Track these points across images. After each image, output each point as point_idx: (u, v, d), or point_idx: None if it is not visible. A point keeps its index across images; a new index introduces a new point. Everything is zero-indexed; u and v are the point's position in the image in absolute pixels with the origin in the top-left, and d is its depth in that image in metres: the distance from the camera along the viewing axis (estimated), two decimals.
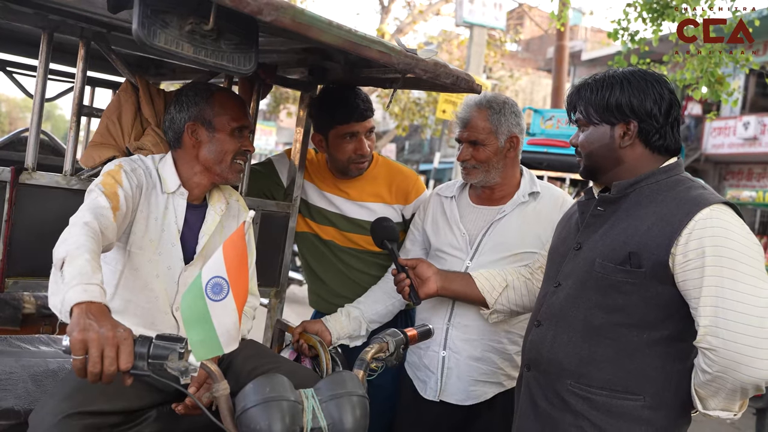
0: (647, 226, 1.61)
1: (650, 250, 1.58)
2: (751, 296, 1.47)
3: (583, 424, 1.66)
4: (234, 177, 2.02)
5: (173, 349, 1.34)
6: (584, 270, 1.70)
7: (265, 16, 1.52)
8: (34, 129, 1.99)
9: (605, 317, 1.65)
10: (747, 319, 1.46)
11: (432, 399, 2.32)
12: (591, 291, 1.68)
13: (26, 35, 2.40)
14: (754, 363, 1.45)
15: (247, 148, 2.03)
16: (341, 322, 2.38)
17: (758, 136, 16.11)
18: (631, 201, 1.69)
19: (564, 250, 1.83)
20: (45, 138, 2.89)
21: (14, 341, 2.30)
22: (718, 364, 1.48)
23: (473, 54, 11.52)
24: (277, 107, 20.86)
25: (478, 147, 2.27)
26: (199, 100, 1.97)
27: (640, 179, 1.69)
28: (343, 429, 1.51)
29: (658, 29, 5.11)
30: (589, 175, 1.81)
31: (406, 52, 1.88)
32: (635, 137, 1.69)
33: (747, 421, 5.79)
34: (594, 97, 1.72)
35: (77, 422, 1.62)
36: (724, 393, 1.52)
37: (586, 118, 1.75)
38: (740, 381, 1.48)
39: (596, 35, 24.46)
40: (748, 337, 1.45)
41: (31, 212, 1.97)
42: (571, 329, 1.71)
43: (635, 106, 1.67)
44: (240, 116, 2.00)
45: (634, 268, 1.60)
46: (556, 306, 1.77)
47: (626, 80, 1.69)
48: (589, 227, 1.76)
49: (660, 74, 1.74)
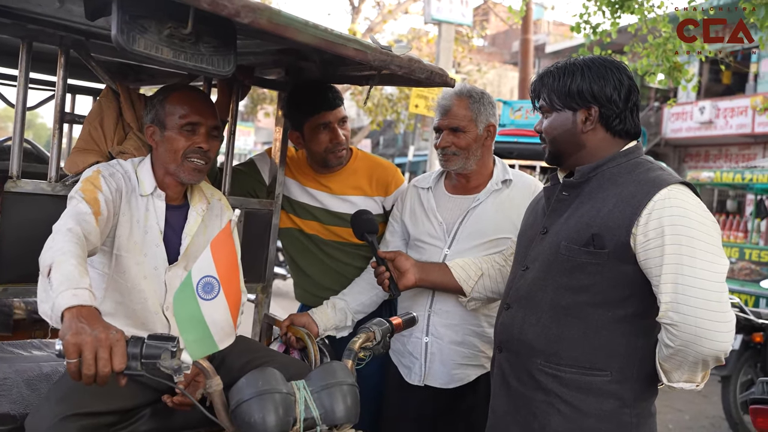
0: (609, 208, 1.66)
1: (612, 231, 1.63)
2: (709, 272, 1.53)
3: (553, 401, 1.72)
4: (188, 176, 1.96)
5: (165, 348, 1.35)
6: (550, 253, 1.76)
7: (243, 19, 1.55)
8: (17, 137, 2.00)
9: (572, 297, 1.71)
10: (705, 294, 1.52)
11: (417, 384, 2.38)
12: (557, 273, 1.73)
13: (4, 45, 2.40)
14: (713, 336, 1.51)
15: (200, 145, 1.94)
16: (327, 314, 2.42)
17: (713, 119, 16.80)
18: (593, 185, 1.74)
19: (531, 235, 1.89)
20: (28, 146, 2.89)
21: (7, 347, 2.31)
22: (679, 339, 1.54)
23: (442, 50, 11.63)
24: (255, 108, 20.83)
25: (459, 134, 2.33)
26: (157, 101, 1.97)
27: (601, 163, 1.74)
28: (335, 417, 1.55)
29: (615, 22, 5.24)
30: (554, 160, 1.85)
31: (381, 49, 1.92)
32: (596, 122, 1.74)
33: (713, 388, 5.95)
34: (556, 84, 1.76)
35: (73, 424, 1.64)
36: (687, 366, 1.58)
37: (549, 105, 1.80)
38: (701, 354, 1.53)
39: (559, 28, 24.83)
40: (707, 311, 1.51)
41: (18, 220, 1.98)
42: (540, 310, 1.76)
43: (596, 92, 1.72)
44: (191, 113, 1.94)
45: (597, 249, 1.65)
46: (524, 289, 1.83)
47: (587, 67, 1.74)
48: (555, 212, 1.81)
49: (619, 62, 1.79)
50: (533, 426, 1.75)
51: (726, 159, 17.69)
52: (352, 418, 1.58)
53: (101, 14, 1.72)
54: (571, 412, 1.70)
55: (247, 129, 28.61)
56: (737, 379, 5.18)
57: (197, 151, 1.96)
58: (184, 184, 2.02)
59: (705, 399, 6.29)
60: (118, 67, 2.76)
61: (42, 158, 3.01)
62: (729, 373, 5.15)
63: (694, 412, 5.92)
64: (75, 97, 2.94)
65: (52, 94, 2.78)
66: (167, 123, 1.95)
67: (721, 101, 17.00)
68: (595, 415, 1.68)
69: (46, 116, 32.08)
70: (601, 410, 1.68)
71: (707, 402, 6.18)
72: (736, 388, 5.17)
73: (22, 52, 1.98)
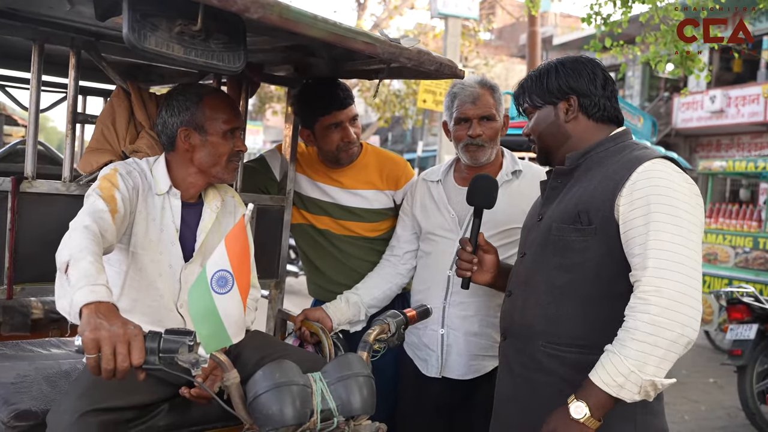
0: (594, 185, 1.71)
1: (596, 206, 1.67)
2: (694, 242, 1.56)
3: (555, 382, 1.73)
4: (230, 177, 2.06)
5: (183, 342, 1.37)
6: (543, 236, 1.80)
7: (252, 14, 1.56)
8: (32, 139, 2.03)
9: (566, 276, 1.73)
10: (691, 263, 1.53)
11: (434, 376, 2.39)
12: (550, 253, 1.77)
13: (16, 49, 2.43)
14: (693, 308, 1.50)
15: (240, 149, 2.05)
16: (341, 308, 2.43)
17: (724, 108, 16.71)
18: (582, 169, 1.79)
19: (530, 224, 1.94)
20: (41, 148, 2.92)
21: (26, 346, 2.35)
22: (659, 306, 1.50)
23: (449, 45, 11.63)
24: (263, 107, 20.87)
25: (489, 123, 2.34)
26: (190, 104, 1.98)
27: (590, 149, 1.80)
28: (352, 409, 1.56)
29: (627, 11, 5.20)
30: (544, 157, 1.92)
31: (390, 42, 1.92)
32: (577, 110, 1.82)
33: (729, 378, 5.93)
34: (534, 85, 1.87)
35: (94, 419, 1.66)
36: (660, 348, 1.50)
37: (531, 105, 1.89)
38: (678, 324, 1.49)
39: (566, 20, 24.69)
40: (693, 280, 1.52)
41: (33, 220, 2.01)
42: (537, 292, 1.79)
43: (572, 84, 1.81)
44: (231, 118, 2.02)
45: (584, 225, 1.69)
46: (522, 274, 1.87)
47: (560, 64, 1.85)
48: (548, 200, 1.87)
49: (591, 57, 1.90)
50: (534, 407, 1.76)
51: (738, 148, 17.55)
52: (369, 410, 1.59)
53: (111, 14, 1.74)
54: (572, 392, 1.68)
55: (255, 128, 28.68)
56: (753, 369, 5.15)
57: (237, 154, 2.06)
58: (211, 184, 2.07)
59: (721, 390, 6.26)
60: (128, 67, 2.78)
61: (55, 160, 3.04)
62: (745, 363, 5.12)
63: (710, 402, 5.89)
64: (86, 99, 2.97)
65: (63, 96, 2.82)
66: (208, 128, 1.98)
67: (732, 90, 16.85)
68: None
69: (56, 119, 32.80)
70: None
71: (723, 393, 6.16)
72: (753, 378, 5.14)
73: (34, 54, 2.00)
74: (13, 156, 2.94)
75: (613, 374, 1.52)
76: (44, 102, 2.36)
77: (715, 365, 6.96)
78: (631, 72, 19.70)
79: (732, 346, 5.30)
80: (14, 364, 2.12)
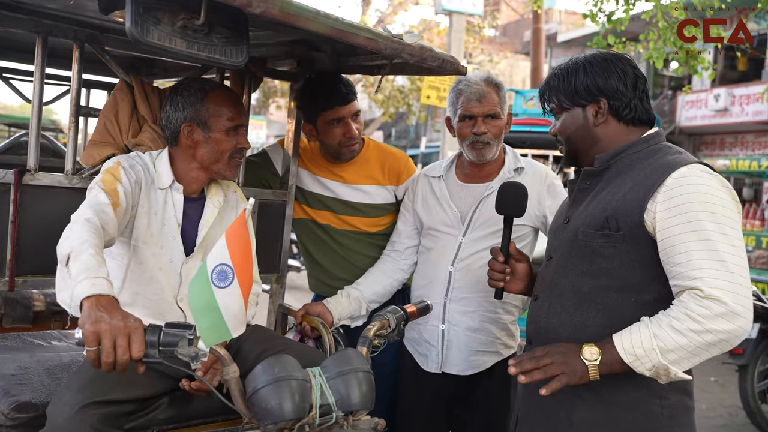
0: (624, 191, 1.65)
1: (626, 212, 1.62)
2: (740, 248, 1.51)
3: (578, 390, 1.67)
4: (232, 174, 2.05)
5: (183, 335, 1.37)
6: (570, 240, 1.75)
7: (254, 8, 1.56)
8: (34, 131, 2.03)
9: (592, 283, 1.69)
10: (742, 269, 1.49)
11: (434, 371, 2.39)
12: (577, 259, 1.72)
13: (20, 42, 2.43)
14: (748, 312, 1.47)
15: (243, 146, 2.04)
16: (342, 303, 2.43)
17: (728, 107, 16.56)
18: (612, 172, 1.73)
19: (556, 227, 1.89)
20: (45, 141, 2.93)
21: (27, 338, 2.36)
22: (713, 312, 1.46)
23: (453, 41, 11.59)
24: (267, 101, 20.86)
25: (494, 120, 2.34)
26: (194, 100, 1.97)
27: (620, 150, 1.74)
28: (351, 404, 1.56)
29: (629, 8, 5.19)
30: (572, 160, 1.85)
31: (392, 37, 1.92)
32: (607, 114, 1.74)
33: (730, 377, 5.91)
34: (562, 84, 1.78)
35: (94, 412, 1.67)
36: (704, 349, 1.49)
37: (558, 106, 1.81)
38: (728, 333, 1.46)
39: (570, 17, 24.54)
40: (746, 287, 1.48)
41: (35, 212, 2.02)
42: (563, 298, 1.75)
43: (601, 85, 1.73)
44: (235, 115, 2.01)
45: (612, 231, 1.64)
46: (548, 278, 1.82)
47: (588, 63, 1.76)
48: (576, 201, 1.81)
49: (621, 54, 1.81)
50: (559, 416, 1.73)
51: (742, 147, 17.48)
52: (368, 405, 1.59)
53: (115, 8, 1.74)
54: (595, 401, 1.67)
55: (259, 122, 28.61)
56: (755, 368, 5.14)
57: (240, 150, 2.04)
58: (214, 179, 2.06)
59: (722, 388, 6.25)
60: (131, 60, 2.78)
61: (59, 153, 3.04)
62: (746, 362, 5.11)
63: (711, 401, 5.89)
64: (90, 92, 2.98)
65: (67, 89, 2.82)
66: (212, 124, 1.98)
67: (736, 88, 16.76)
68: (621, 404, 1.65)
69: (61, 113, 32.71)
70: (628, 398, 1.65)
71: (724, 391, 6.15)
72: (754, 377, 5.13)
73: (37, 47, 2.00)
74: (16, 148, 2.95)
75: (636, 344, 1.52)
76: (48, 95, 2.37)
77: (716, 364, 6.92)
78: None
79: None
80: (15, 356, 2.13)
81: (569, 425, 1.71)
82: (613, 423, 1.66)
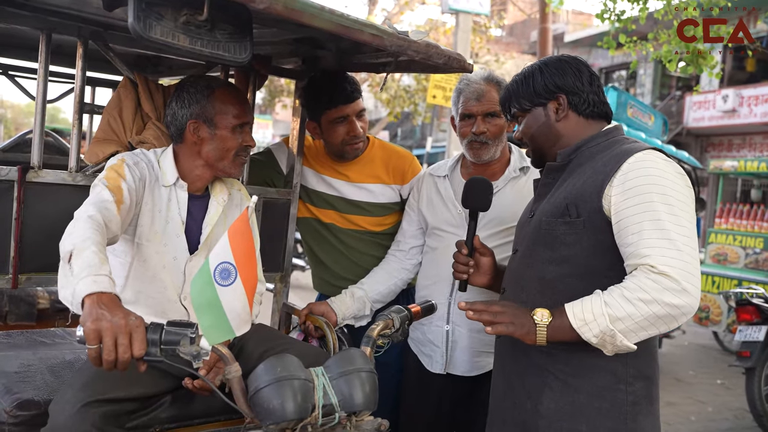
0: (584, 179, 1.70)
1: (585, 199, 1.67)
2: (691, 228, 1.55)
3: (545, 378, 1.72)
4: (237, 172, 2.05)
5: (184, 334, 1.37)
6: (534, 231, 1.79)
7: (258, 4, 1.54)
8: (38, 128, 2.03)
9: (555, 270, 1.72)
10: (693, 246, 1.53)
11: (439, 372, 2.38)
12: (540, 247, 1.76)
13: (24, 39, 2.43)
14: (696, 290, 1.50)
15: (249, 144, 2.05)
16: (346, 302, 2.42)
17: (736, 108, 16.54)
18: (573, 165, 1.78)
19: (522, 222, 1.94)
20: (49, 139, 2.93)
21: (31, 335, 2.36)
22: (661, 285, 1.49)
23: (460, 40, 11.56)
24: (273, 101, 20.87)
25: (494, 120, 2.31)
26: (200, 97, 1.97)
27: (581, 144, 1.79)
28: (354, 404, 1.54)
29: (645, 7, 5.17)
30: (538, 160, 1.91)
31: (397, 34, 1.91)
32: (567, 109, 1.81)
33: (737, 380, 5.88)
34: (521, 88, 1.85)
35: (96, 410, 1.66)
36: (652, 323, 1.52)
37: (520, 109, 1.87)
38: (674, 307, 1.49)
39: (577, 17, 24.49)
40: (695, 261, 1.52)
41: (39, 210, 2.01)
42: (529, 287, 1.78)
43: (558, 83, 1.80)
44: (241, 113, 2.01)
45: (573, 218, 1.68)
46: (514, 270, 1.86)
47: (544, 65, 1.84)
48: (540, 196, 1.86)
49: (574, 56, 1.89)
50: (527, 405, 1.76)
51: (750, 148, 17.39)
52: (371, 405, 1.58)
53: (118, 4, 1.73)
54: (562, 388, 1.69)
55: (265, 122, 28.65)
56: (762, 371, 5.11)
57: (246, 149, 2.04)
58: (218, 177, 2.06)
59: (728, 391, 6.22)
60: (135, 58, 2.78)
61: (63, 150, 3.04)
62: (753, 365, 5.09)
63: (717, 404, 5.85)
64: (94, 90, 2.97)
65: (71, 86, 2.82)
66: (218, 122, 1.97)
67: (744, 89, 16.68)
68: (587, 391, 1.68)
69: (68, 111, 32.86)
70: (594, 386, 1.67)
71: (731, 394, 6.11)
72: (761, 380, 5.10)
73: (42, 44, 2.00)
74: (21, 146, 2.95)
75: (586, 309, 1.56)
76: (53, 93, 2.37)
77: (722, 366, 6.92)
78: (643, 70, 19.56)
79: (740, 347, 5.26)
80: (18, 354, 2.13)
81: (536, 415, 1.73)
82: (578, 411, 1.69)
